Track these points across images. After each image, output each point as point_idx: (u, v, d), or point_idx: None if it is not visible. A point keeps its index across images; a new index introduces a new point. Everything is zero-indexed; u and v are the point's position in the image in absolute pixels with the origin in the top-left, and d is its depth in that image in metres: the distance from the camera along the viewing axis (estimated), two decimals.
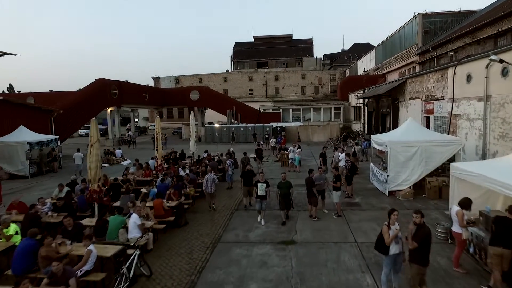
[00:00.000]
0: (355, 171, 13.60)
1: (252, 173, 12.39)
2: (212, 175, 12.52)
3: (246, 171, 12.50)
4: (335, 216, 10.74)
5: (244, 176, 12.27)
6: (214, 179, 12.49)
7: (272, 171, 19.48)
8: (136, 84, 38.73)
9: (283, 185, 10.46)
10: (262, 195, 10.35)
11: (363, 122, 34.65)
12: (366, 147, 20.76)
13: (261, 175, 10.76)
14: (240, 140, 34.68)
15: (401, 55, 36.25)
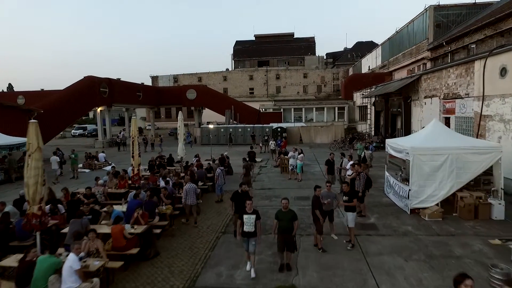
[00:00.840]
0: (370, 185, 11.17)
1: (247, 197, 8.98)
2: (191, 185, 10.44)
3: (240, 192, 9.15)
4: (349, 247, 8.30)
5: (236, 199, 9.06)
6: (194, 188, 10.40)
7: (270, 178, 17.08)
8: (129, 82, 36.42)
9: (284, 215, 7.28)
10: (250, 231, 6.99)
11: (369, 122, 32.17)
12: (373, 151, 18.36)
13: (248, 203, 7.19)
14: (238, 142, 32.31)
15: (410, 51, 33.73)
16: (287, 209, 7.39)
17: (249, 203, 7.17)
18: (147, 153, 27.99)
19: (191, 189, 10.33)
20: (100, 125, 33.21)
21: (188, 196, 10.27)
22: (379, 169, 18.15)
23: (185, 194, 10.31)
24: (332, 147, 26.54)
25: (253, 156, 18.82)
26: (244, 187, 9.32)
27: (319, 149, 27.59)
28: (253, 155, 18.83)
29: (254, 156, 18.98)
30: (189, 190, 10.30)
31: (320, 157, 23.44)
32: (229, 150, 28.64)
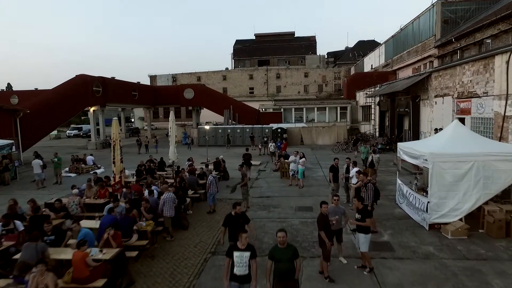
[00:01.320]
0: (378, 197, 9.76)
1: (245, 219, 7.26)
2: (170, 194, 9.19)
3: (234, 215, 7.13)
4: (366, 272, 6.88)
5: (230, 224, 7.02)
6: (173, 198, 9.17)
7: (269, 184, 15.65)
8: (124, 81, 35.02)
9: (282, 254, 5.20)
10: (242, 274, 5.06)
11: (373, 123, 30.72)
12: None
13: (242, 237, 5.15)
14: (237, 143, 30.89)
15: (416, 49, 32.26)
16: (285, 244, 5.25)
17: (243, 236, 5.18)
18: (141, 155, 26.59)
19: (170, 199, 9.02)
20: (93, 125, 31.85)
21: (166, 207, 8.94)
22: (386, 174, 16.75)
23: (162, 203, 8.99)
24: (335, 149, 25.12)
25: (248, 159, 17.51)
26: (239, 208, 7.21)
27: (321, 151, 26.16)
28: (248, 158, 17.52)
29: (249, 159, 17.67)
30: (167, 200, 8.97)
31: (323, 160, 22.04)
32: (226, 152, 27.27)
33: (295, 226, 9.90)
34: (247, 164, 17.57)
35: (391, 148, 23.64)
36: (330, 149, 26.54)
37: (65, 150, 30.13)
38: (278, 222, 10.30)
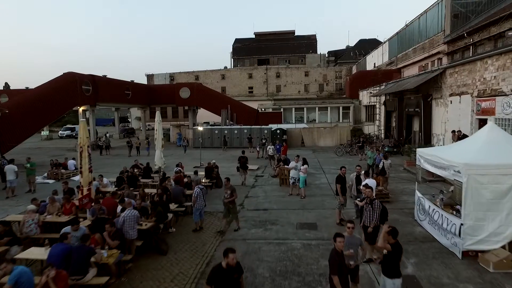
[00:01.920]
0: (386, 218, 7.87)
1: (239, 271, 4.84)
2: (132, 212, 7.49)
3: (226, 269, 4.66)
4: None
5: (218, 282, 4.61)
6: (135, 217, 7.45)
7: (267, 193, 13.85)
8: (116, 79, 33.24)
9: None
10: None
11: (378, 124, 28.91)
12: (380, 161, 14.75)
13: None
14: (234, 145, 29.12)
15: (422, 45, 30.44)
16: None
17: None
18: (132, 158, 24.81)
19: (131, 217, 7.28)
20: None
21: (126, 227, 7.20)
22: (397, 181, 14.97)
23: (121, 222, 7.25)
24: (338, 151, 23.32)
25: (244, 162, 15.79)
26: (232, 258, 4.64)
27: (324, 154, 24.37)
28: (244, 161, 15.79)
29: (245, 162, 15.95)
30: (127, 218, 7.23)
31: (326, 163, 20.24)
32: (223, 154, 25.51)
33: (297, 251, 8.12)
34: (243, 168, 15.95)
35: (399, 151, 21.86)
36: (332, 152, 24.76)
37: (52, 152, 28.37)
38: (276, 244, 8.52)
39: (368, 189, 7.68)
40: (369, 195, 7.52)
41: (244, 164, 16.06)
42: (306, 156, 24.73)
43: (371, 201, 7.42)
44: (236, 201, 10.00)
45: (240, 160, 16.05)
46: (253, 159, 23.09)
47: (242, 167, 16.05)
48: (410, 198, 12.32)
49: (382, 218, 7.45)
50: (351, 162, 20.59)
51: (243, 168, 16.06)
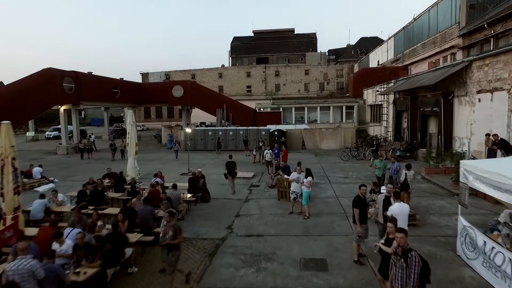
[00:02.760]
0: (428, 279, 5.04)
1: None
2: (50, 266, 5.08)
3: None
4: None
5: None
6: (56, 268, 5.12)
7: (262, 210, 11.28)
8: (102, 76, 30.65)
9: None
10: None
11: (386, 124, 26.35)
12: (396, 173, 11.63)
13: None
14: (229, 147, 26.54)
15: (433, 40, 27.90)
16: None
17: None
18: (115, 162, 22.27)
19: (50, 270, 4.76)
20: (63, 127, 27.51)
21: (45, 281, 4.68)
22: (417, 194, 12.41)
23: (19, 279, 4.70)
24: (344, 156, 20.76)
25: (232, 168, 13.48)
26: None
27: (327, 158, 21.81)
28: (232, 167, 13.46)
29: (234, 168, 13.60)
30: (41, 273, 4.72)
31: (331, 170, 17.68)
32: (216, 159, 22.94)
33: None
34: (232, 174, 13.61)
35: (412, 155, 19.32)
36: (337, 156, 22.20)
37: (32, 156, 25.78)
38: None
39: (401, 234, 4.63)
40: (402, 244, 4.81)
41: (232, 170, 13.69)
42: (307, 160, 22.41)
43: (404, 253, 4.59)
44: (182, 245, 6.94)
45: (228, 166, 13.72)
46: (248, 164, 20.56)
47: (230, 173, 13.66)
48: (441, 220, 9.80)
49: (422, 282, 4.77)
50: (359, 168, 18.06)
51: (232, 175, 13.69)
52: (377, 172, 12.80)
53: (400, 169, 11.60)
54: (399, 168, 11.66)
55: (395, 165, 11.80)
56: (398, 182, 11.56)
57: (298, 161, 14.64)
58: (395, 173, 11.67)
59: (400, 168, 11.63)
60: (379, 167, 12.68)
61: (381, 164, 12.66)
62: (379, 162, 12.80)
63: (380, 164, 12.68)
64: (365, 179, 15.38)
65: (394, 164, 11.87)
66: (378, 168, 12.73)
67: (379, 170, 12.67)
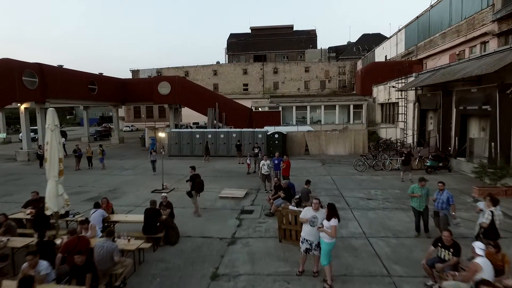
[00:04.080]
0: None
1: None
2: None
3: None
4: None
5: None
6: None
7: (254, 263, 7.07)
8: (75, 70, 26.29)
9: None
10: None
11: (404, 126, 22.15)
12: (446, 206, 7.56)
13: None
14: (220, 153, 22.36)
15: (456, 28, 23.80)
16: None
17: None
18: (80, 172, 18.07)
19: None
20: (24, 129, 23.25)
21: None
22: None
23: None
24: (359, 165, 16.58)
25: (200, 185, 9.59)
26: None
27: (337, 168, 17.62)
28: (199, 185, 9.62)
29: (202, 185, 9.73)
30: None
31: (346, 186, 13.49)
32: (204, 167, 18.68)
33: None
34: (198, 190, 10.22)
35: (445, 166, 15.19)
36: (349, 164, 18.08)
37: None
38: None
39: None
40: None
41: (200, 186, 9.98)
42: (313, 170, 18.09)
43: None
44: None
45: (192, 180, 10.14)
46: (241, 175, 16.38)
47: (198, 189, 10.13)
48: None
49: None
50: (382, 183, 13.88)
51: (198, 190, 10.18)
52: (416, 204, 8.07)
53: (446, 207, 7.50)
54: (450, 200, 7.52)
55: (444, 195, 7.64)
56: (448, 223, 7.50)
57: (307, 179, 10.52)
58: (445, 206, 7.55)
59: (446, 206, 7.50)
60: (419, 195, 8.01)
61: (421, 191, 8.04)
62: (419, 188, 8.05)
63: (420, 191, 8.02)
64: (396, 201, 11.25)
65: (443, 193, 7.69)
66: (418, 198, 8.00)
67: (420, 201, 8.00)
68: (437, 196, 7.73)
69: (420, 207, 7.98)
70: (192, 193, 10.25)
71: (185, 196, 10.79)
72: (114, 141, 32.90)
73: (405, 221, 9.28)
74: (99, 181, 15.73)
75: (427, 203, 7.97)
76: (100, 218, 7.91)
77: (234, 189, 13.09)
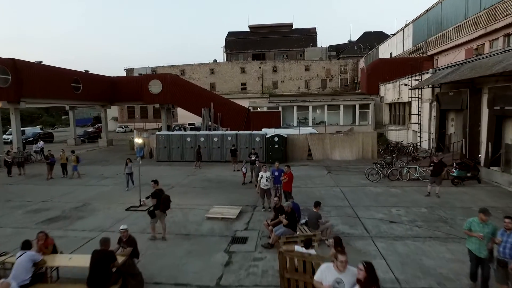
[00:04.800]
0: None
1: None
2: None
3: None
4: None
5: None
6: None
7: None
8: (55, 67, 23.85)
9: None
10: None
11: (418, 128, 19.79)
12: None
13: None
14: (214, 158, 20.03)
15: (474, 20, 21.47)
16: None
17: None
18: (51, 183, 15.70)
19: None
20: None
21: None
22: None
23: None
24: (372, 174, 14.22)
25: (166, 200, 8.38)
26: None
27: (346, 177, 15.25)
28: (167, 203, 8.35)
29: (168, 200, 8.69)
30: None
31: (361, 202, 11.09)
32: (193, 175, 16.34)
33: None
34: (165, 209, 8.18)
35: (474, 176, 12.86)
36: (359, 172, 15.77)
37: None
38: None
39: None
40: None
41: (167, 203, 7.70)
42: (319, 180, 15.16)
43: None
44: None
45: (159, 196, 8.20)
46: (236, 186, 14.03)
47: (162, 206, 8.06)
48: None
49: None
50: (402, 198, 11.54)
51: (164, 209, 8.14)
52: (474, 247, 5.58)
53: None
54: None
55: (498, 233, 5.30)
56: None
57: (316, 201, 8.19)
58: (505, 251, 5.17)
59: None
60: (480, 236, 5.44)
61: (483, 229, 5.52)
62: (479, 223, 5.58)
63: (482, 229, 5.52)
64: (426, 225, 8.91)
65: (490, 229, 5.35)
66: (480, 239, 5.47)
67: (480, 244, 5.52)
68: (504, 238, 5.32)
69: (481, 252, 5.52)
70: (156, 213, 8.01)
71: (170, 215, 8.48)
72: (102, 143, 30.52)
73: (447, 259, 6.94)
74: (69, 194, 13.35)
75: (491, 245, 5.55)
76: (28, 265, 5.56)
77: (225, 207, 10.73)
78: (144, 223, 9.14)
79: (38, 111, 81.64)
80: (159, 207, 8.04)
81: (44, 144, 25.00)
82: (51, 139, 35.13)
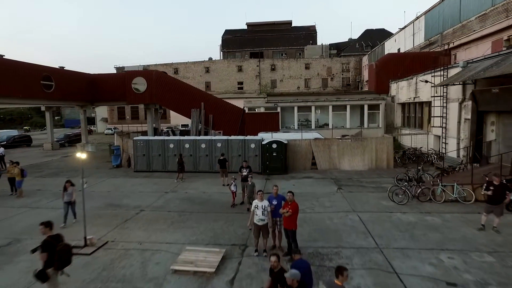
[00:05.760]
0: None
1: None
2: None
3: None
4: None
5: None
6: None
7: None
8: (20, 62, 20.47)
9: None
10: None
11: (442, 133, 16.53)
12: None
13: None
14: (201, 168, 16.78)
15: (505, 6, 18.30)
16: None
17: None
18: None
19: None
20: None
21: None
22: None
23: None
24: (397, 195, 10.98)
25: (65, 258, 4.35)
26: None
27: (362, 196, 11.99)
28: (65, 257, 4.30)
29: (66, 259, 4.31)
30: None
31: (391, 240, 7.65)
32: (173, 192, 13.02)
33: None
34: (60, 266, 5.32)
35: None
36: (374, 187, 12.56)
37: None
38: None
39: None
40: None
41: (65, 257, 4.65)
42: (327, 199, 10.59)
43: None
44: None
45: (53, 247, 4.82)
46: (224, 208, 10.72)
47: (59, 263, 4.77)
48: None
49: None
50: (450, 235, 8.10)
51: (60, 267, 4.92)
52: None
53: None
54: None
55: None
56: None
57: (339, 266, 4.91)
58: None
59: None
60: None
61: None
62: None
63: None
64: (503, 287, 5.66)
65: None
66: None
67: None
68: None
69: None
70: (48, 274, 4.79)
71: (122, 263, 5.23)
72: (79, 149, 27.14)
73: None
74: (3, 221, 10.08)
75: None
76: None
77: (203, 250, 7.49)
78: None
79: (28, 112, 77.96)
80: (52, 264, 4.83)
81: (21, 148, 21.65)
82: (28, 143, 31.81)
